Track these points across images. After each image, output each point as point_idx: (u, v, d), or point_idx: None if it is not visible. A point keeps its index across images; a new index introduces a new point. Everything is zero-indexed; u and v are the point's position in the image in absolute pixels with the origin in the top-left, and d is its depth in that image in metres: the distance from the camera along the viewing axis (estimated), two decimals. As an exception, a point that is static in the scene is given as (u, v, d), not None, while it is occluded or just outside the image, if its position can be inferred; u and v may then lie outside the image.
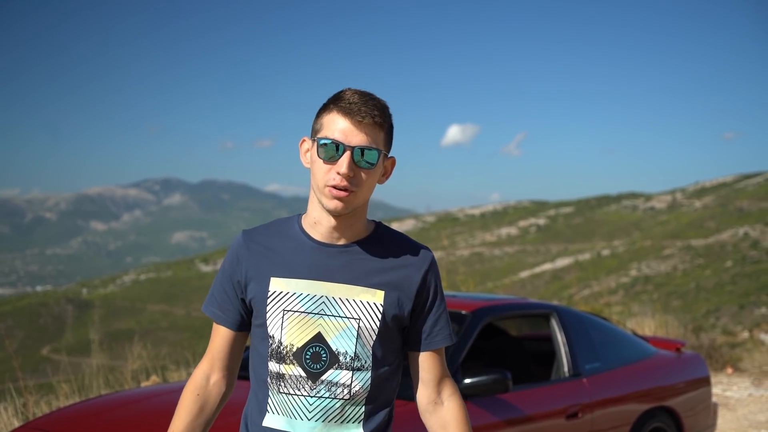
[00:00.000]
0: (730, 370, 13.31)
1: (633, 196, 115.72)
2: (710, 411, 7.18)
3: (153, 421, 4.63)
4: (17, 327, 78.34)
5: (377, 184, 2.63)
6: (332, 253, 2.59)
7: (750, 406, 10.79)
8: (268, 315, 2.57)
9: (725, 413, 10.24)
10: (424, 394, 2.71)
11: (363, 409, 2.59)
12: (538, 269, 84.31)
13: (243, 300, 2.65)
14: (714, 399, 9.07)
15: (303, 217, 2.68)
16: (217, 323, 2.70)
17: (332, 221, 2.57)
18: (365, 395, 2.58)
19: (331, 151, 2.47)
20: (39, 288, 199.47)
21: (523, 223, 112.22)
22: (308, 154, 2.60)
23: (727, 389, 11.76)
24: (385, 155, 2.59)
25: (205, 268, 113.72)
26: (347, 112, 2.48)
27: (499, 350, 6.76)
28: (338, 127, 2.48)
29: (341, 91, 2.55)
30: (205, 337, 2.76)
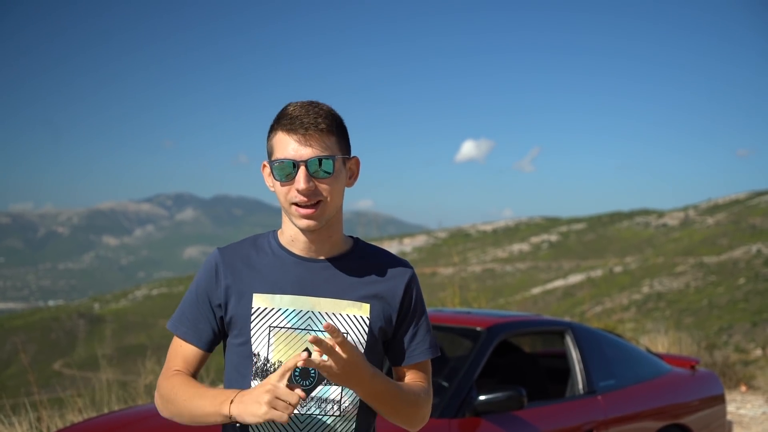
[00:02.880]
0: (744, 388, 13.27)
1: (645, 212, 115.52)
2: (725, 429, 7.17)
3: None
4: (29, 341, 78.51)
5: (347, 188, 2.59)
6: (315, 268, 2.56)
7: (764, 424, 10.75)
8: (252, 332, 2.51)
9: (739, 431, 10.21)
10: None
11: (353, 425, 2.55)
12: (550, 285, 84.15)
13: (221, 318, 2.57)
14: (728, 417, 9.05)
15: (279, 233, 2.64)
16: (188, 342, 2.59)
17: (308, 236, 2.54)
18: (355, 411, 2.54)
19: (287, 170, 2.44)
20: (51, 302, 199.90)
21: (535, 240, 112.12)
22: (270, 177, 2.57)
23: (741, 407, 11.71)
24: (344, 158, 2.55)
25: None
26: (291, 128, 2.45)
27: (514, 367, 6.75)
28: (287, 145, 2.45)
29: (283, 108, 2.52)
30: (216, 353, 2.72)
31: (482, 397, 5.08)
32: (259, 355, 2.50)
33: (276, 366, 2.48)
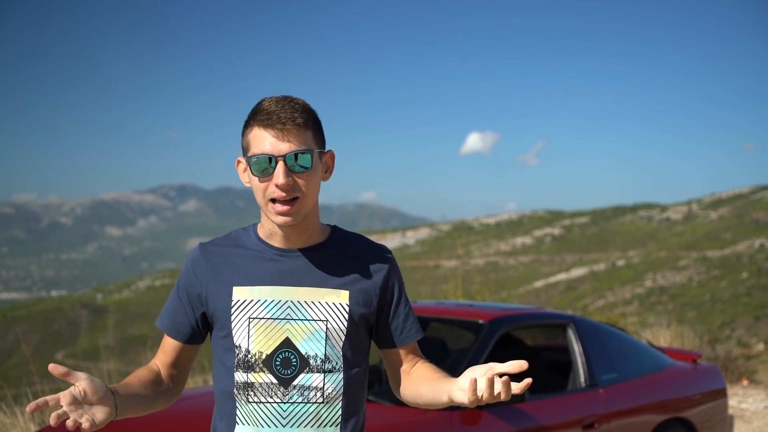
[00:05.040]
0: (745, 382, 13.26)
1: (649, 206, 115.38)
2: (726, 423, 7.18)
3: (168, 427, 4.64)
4: (32, 332, 78.54)
5: (322, 181, 2.60)
6: (293, 258, 2.59)
7: (766, 418, 10.75)
8: (233, 325, 2.55)
9: (741, 425, 10.21)
10: (403, 384, 2.74)
11: (339, 411, 2.57)
12: (552, 279, 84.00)
13: (203, 314, 2.63)
14: (730, 411, 9.05)
15: (258, 227, 2.67)
16: (167, 335, 2.69)
17: (284, 230, 2.56)
18: (339, 397, 2.57)
19: (264, 165, 2.46)
20: (54, 293, 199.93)
21: (538, 233, 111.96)
22: (246, 173, 2.59)
23: (743, 401, 11.71)
24: (320, 152, 2.56)
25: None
26: (268, 123, 2.46)
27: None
28: (264, 140, 2.47)
29: (258, 104, 2.53)
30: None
31: (484, 390, 5.07)
32: (240, 346, 2.55)
33: (257, 357, 2.53)
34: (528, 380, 2.31)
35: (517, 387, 2.32)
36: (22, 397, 8.11)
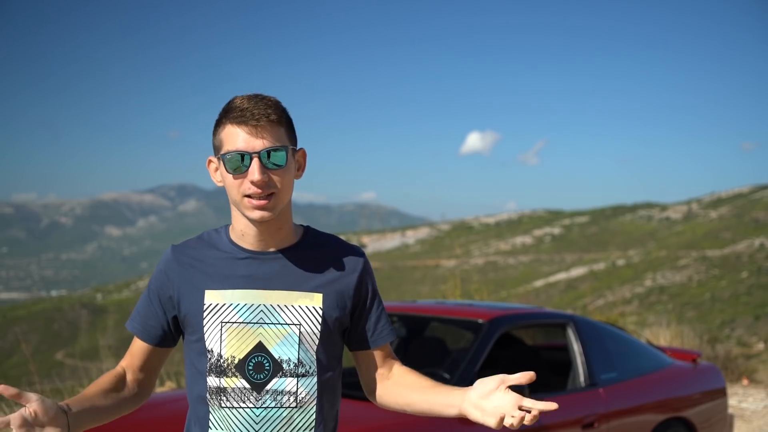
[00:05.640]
0: (745, 382, 13.26)
1: (648, 206, 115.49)
2: (726, 422, 7.17)
3: (168, 426, 4.63)
4: (32, 331, 78.59)
5: (295, 180, 2.58)
6: (265, 260, 2.56)
7: (766, 417, 10.75)
8: (205, 329, 2.52)
9: (741, 425, 10.21)
10: (381, 388, 2.71)
11: (312, 415, 2.54)
12: (552, 278, 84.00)
13: (175, 317, 2.60)
14: (730, 410, 9.05)
15: (230, 228, 2.64)
16: (138, 338, 2.66)
17: (258, 228, 2.53)
18: (313, 401, 2.53)
19: (238, 162, 2.41)
20: (54, 293, 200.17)
21: (537, 232, 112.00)
22: (218, 172, 2.56)
23: (743, 401, 11.70)
24: (293, 149, 2.53)
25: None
26: (242, 120, 2.42)
27: (515, 359, 6.75)
28: (238, 137, 2.42)
29: (229, 102, 2.49)
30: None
31: (483, 389, 5.07)
32: (212, 351, 2.51)
33: (229, 361, 2.49)
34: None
35: (538, 407, 2.31)
36: (21, 398, 8.08)
